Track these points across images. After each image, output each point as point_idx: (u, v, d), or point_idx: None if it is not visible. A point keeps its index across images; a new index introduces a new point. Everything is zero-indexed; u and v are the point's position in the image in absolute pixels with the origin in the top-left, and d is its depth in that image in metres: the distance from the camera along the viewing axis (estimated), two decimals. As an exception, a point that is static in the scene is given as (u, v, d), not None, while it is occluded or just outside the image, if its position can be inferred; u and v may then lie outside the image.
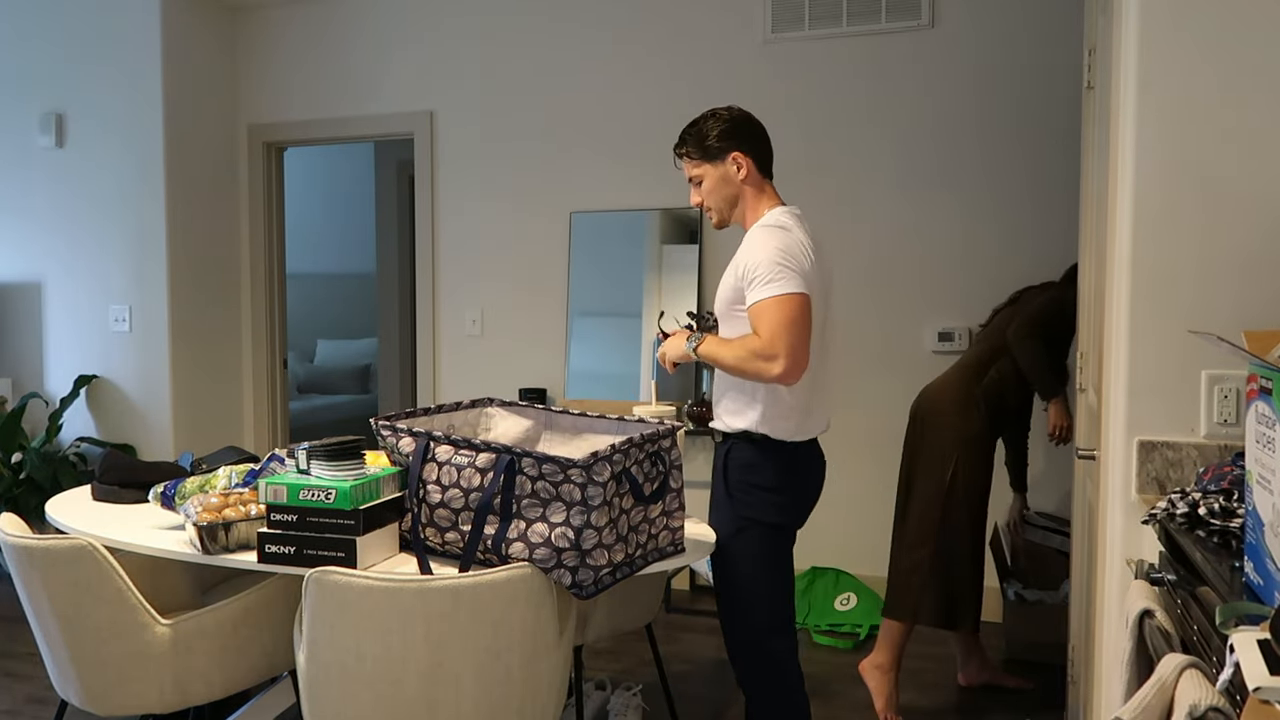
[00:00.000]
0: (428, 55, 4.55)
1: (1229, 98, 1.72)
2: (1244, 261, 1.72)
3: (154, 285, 4.45)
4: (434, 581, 1.80)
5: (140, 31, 4.39)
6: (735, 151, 2.21)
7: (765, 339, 2.04)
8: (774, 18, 3.99)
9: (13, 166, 4.63)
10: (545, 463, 1.91)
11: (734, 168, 2.21)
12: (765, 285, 2.05)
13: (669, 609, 3.95)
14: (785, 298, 2.04)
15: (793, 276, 2.06)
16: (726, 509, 2.22)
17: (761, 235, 2.14)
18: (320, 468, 2.04)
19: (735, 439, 2.21)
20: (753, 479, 2.18)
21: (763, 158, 2.25)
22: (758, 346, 2.05)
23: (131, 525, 2.29)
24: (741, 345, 2.09)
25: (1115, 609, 1.83)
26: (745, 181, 2.23)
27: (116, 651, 2.10)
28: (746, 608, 2.23)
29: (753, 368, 2.06)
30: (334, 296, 7.84)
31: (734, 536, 2.20)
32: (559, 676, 2.00)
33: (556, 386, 4.38)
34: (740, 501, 2.19)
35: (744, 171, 2.21)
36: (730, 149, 2.21)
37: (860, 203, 3.94)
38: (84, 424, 4.58)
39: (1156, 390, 1.77)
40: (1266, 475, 1.18)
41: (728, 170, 2.22)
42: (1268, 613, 1.04)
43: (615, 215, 4.28)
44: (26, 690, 3.19)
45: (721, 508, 2.24)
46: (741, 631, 2.25)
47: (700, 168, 2.25)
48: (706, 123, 2.24)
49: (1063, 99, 3.57)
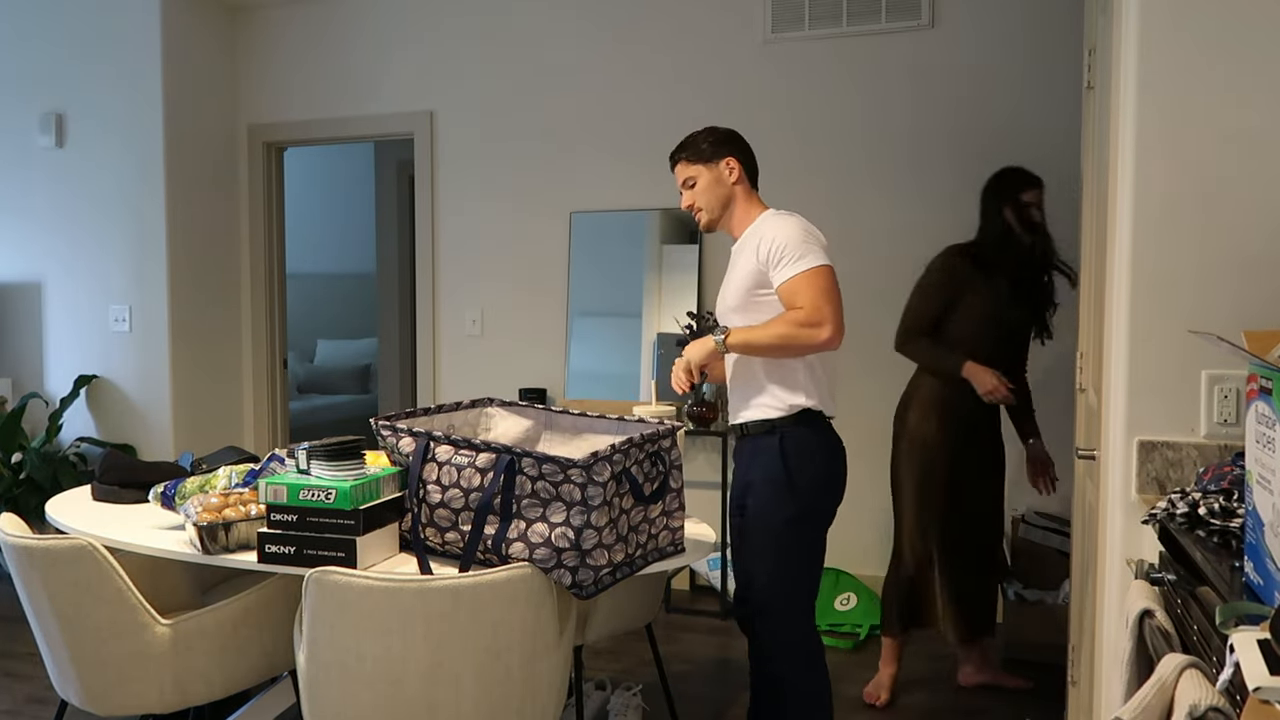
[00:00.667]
0: (428, 55, 4.55)
1: (1229, 98, 1.72)
2: (1244, 261, 1.72)
3: (154, 285, 4.45)
4: (434, 581, 1.80)
5: (140, 31, 4.39)
6: (728, 156, 2.37)
7: (809, 307, 2.13)
8: (774, 18, 3.99)
9: (13, 166, 4.63)
10: (545, 463, 1.91)
11: (726, 170, 2.36)
12: (797, 261, 2.17)
13: (669, 609, 3.95)
14: (819, 269, 2.17)
15: (820, 251, 2.20)
16: (786, 498, 2.24)
17: (777, 220, 2.28)
18: (320, 468, 2.04)
19: (785, 426, 2.25)
20: (810, 463, 2.25)
21: (751, 167, 2.41)
22: (802, 316, 2.13)
23: (131, 525, 2.29)
24: (782, 321, 2.16)
25: (1115, 609, 1.83)
26: (736, 184, 2.37)
27: (116, 651, 2.10)
28: (805, 597, 2.31)
29: (802, 337, 2.14)
30: (334, 296, 7.85)
31: (793, 524, 2.25)
32: (559, 676, 2.00)
33: (556, 386, 4.38)
34: (801, 489, 2.24)
35: (735, 175, 2.37)
36: (724, 154, 2.37)
37: (859, 202, 3.94)
38: (84, 424, 4.58)
39: (1156, 390, 1.77)
40: (1266, 475, 1.18)
41: (721, 172, 2.37)
42: (1268, 613, 1.04)
43: (615, 215, 4.28)
44: (26, 690, 3.19)
45: (778, 498, 2.24)
46: (797, 624, 2.30)
47: (693, 169, 2.38)
48: (700, 133, 2.41)
49: (1063, 99, 3.57)
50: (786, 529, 2.25)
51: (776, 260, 2.19)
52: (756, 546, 2.29)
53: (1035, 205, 2.99)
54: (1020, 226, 2.96)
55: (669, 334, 4.12)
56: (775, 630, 2.31)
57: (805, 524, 2.26)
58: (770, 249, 2.20)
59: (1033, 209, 2.98)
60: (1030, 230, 2.96)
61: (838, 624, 3.73)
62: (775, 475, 2.25)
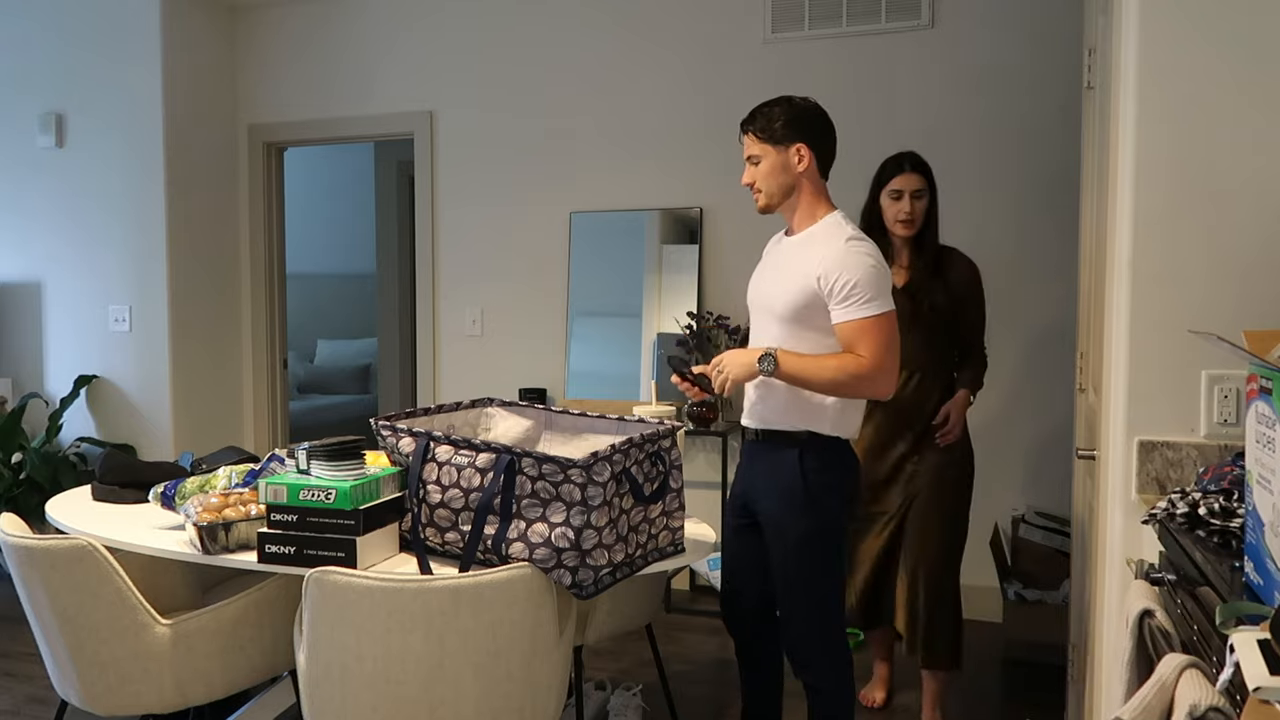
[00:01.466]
0: (427, 55, 4.55)
1: (1229, 98, 1.72)
2: (1244, 261, 1.72)
3: (154, 285, 4.45)
4: (434, 581, 1.80)
5: (140, 31, 4.39)
6: (800, 143, 2.18)
7: (872, 360, 2.05)
8: (774, 18, 3.99)
9: (13, 166, 4.63)
10: (545, 463, 1.91)
11: (795, 158, 2.18)
12: (866, 304, 2.06)
13: (669, 609, 3.95)
14: (885, 317, 2.08)
15: (887, 295, 2.10)
16: (803, 514, 2.17)
17: (847, 247, 2.11)
18: (320, 468, 2.04)
19: (808, 442, 2.17)
20: (830, 479, 2.19)
21: (825, 157, 2.23)
22: (865, 368, 2.05)
23: (131, 525, 2.29)
24: (840, 366, 2.07)
25: (1115, 609, 1.83)
26: (804, 175, 2.20)
27: (116, 651, 2.10)
28: (837, 605, 2.26)
29: (858, 388, 2.09)
30: (334, 296, 7.85)
31: (817, 537, 2.18)
32: (559, 676, 2.00)
33: (556, 386, 4.38)
34: (821, 504, 2.17)
35: (804, 164, 2.19)
36: (796, 139, 2.18)
37: (858, 202, 3.93)
38: (84, 424, 4.58)
39: (1156, 390, 1.77)
40: (1266, 475, 1.18)
41: (789, 158, 2.19)
42: (1268, 613, 1.04)
43: (615, 215, 4.28)
44: (26, 690, 3.19)
45: (794, 512, 2.18)
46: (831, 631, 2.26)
47: (760, 146, 2.21)
48: (777, 107, 2.22)
49: (1063, 99, 3.57)
50: (812, 541, 2.18)
51: (844, 296, 2.06)
52: (775, 558, 2.23)
53: (908, 192, 2.75)
54: (889, 215, 2.77)
55: (669, 334, 4.12)
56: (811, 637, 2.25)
57: (821, 537, 2.19)
58: (838, 281, 2.06)
59: (904, 196, 2.74)
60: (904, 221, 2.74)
61: (838, 624, 3.73)
62: (792, 488, 2.17)
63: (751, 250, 2.52)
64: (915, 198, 2.75)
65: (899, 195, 2.76)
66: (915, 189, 2.75)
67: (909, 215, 2.74)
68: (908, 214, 2.74)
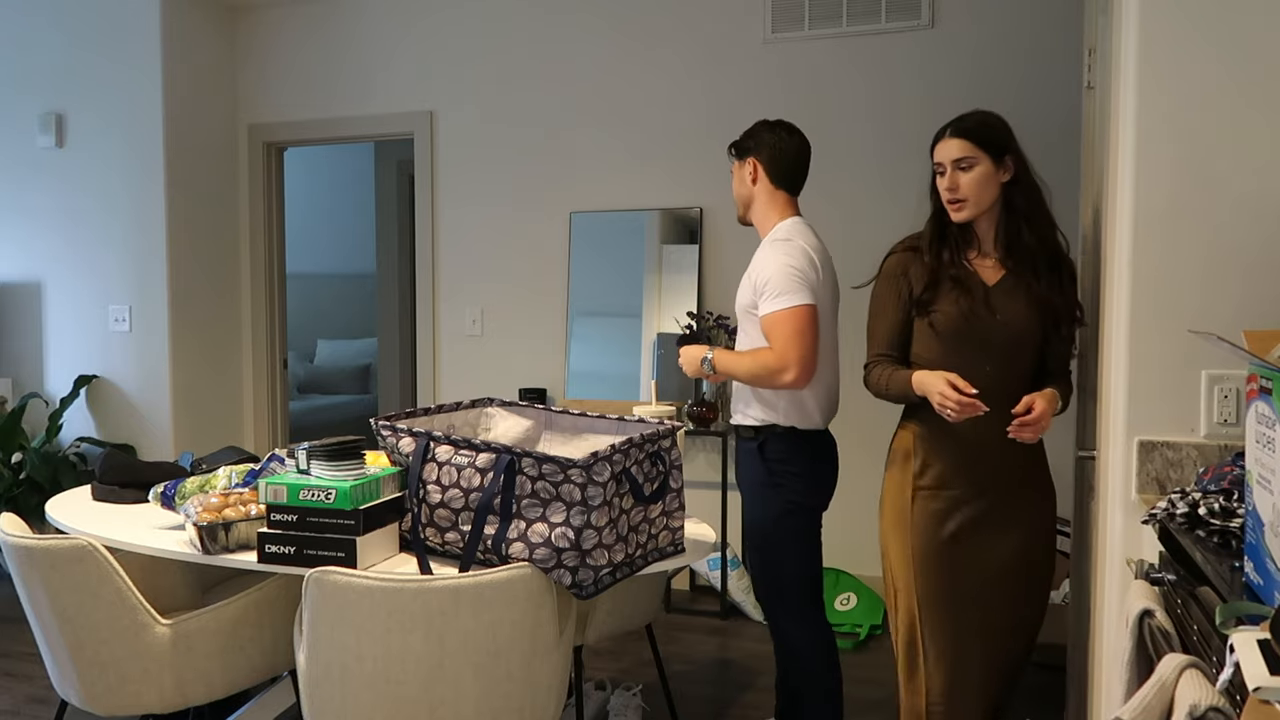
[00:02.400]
0: (427, 55, 4.55)
1: (1229, 97, 1.72)
2: (1244, 261, 1.72)
3: (154, 285, 4.45)
4: (434, 581, 1.80)
5: (140, 31, 4.39)
6: (752, 157, 2.40)
7: (777, 351, 2.22)
8: (774, 18, 3.99)
9: (13, 166, 4.63)
10: (545, 463, 1.91)
11: (749, 171, 2.40)
12: (776, 298, 2.23)
13: (669, 609, 3.95)
14: (794, 310, 2.22)
15: (800, 288, 2.23)
16: (771, 496, 2.34)
17: (770, 250, 2.32)
18: (320, 468, 2.04)
19: (767, 432, 2.34)
20: (791, 467, 2.33)
21: (779, 170, 2.38)
22: (771, 360, 2.22)
23: (131, 525, 2.29)
24: (754, 360, 2.27)
25: (1115, 609, 1.83)
26: (755, 187, 2.40)
27: (116, 651, 2.10)
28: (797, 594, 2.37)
29: (770, 381, 2.25)
30: (334, 296, 7.84)
31: (780, 519, 2.33)
32: (559, 676, 2.00)
33: (556, 386, 4.38)
34: (785, 487, 2.32)
35: (753, 177, 2.39)
36: (750, 153, 2.40)
37: (859, 203, 3.94)
38: (84, 424, 4.58)
39: (1156, 390, 1.77)
40: (1266, 475, 1.18)
41: (744, 172, 2.42)
42: (1268, 613, 1.04)
43: (615, 215, 4.28)
44: (26, 690, 3.19)
45: (763, 496, 2.35)
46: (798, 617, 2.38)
47: (732, 162, 2.46)
48: (754, 125, 2.44)
49: (1063, 99, 3.57)
50: (776, 524, 2.34)
51: (762, 290, 2.26)
52: (752, 545, 2.41)
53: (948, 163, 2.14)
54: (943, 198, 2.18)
55: (669, 334, 4.12)
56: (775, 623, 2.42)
57: (791, 519, 2.34)
58: (759, 280, 2.28)
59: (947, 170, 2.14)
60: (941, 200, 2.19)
61: (838, 624, 3.73)
62: (758, 476, 2.36)
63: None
64: (960, 169, 2.11)
65: (941, 170, 2.16)
66: (957, 157, 2.11)
67: (952, 192, 2.14)
68: (950, 191, 2.14)
